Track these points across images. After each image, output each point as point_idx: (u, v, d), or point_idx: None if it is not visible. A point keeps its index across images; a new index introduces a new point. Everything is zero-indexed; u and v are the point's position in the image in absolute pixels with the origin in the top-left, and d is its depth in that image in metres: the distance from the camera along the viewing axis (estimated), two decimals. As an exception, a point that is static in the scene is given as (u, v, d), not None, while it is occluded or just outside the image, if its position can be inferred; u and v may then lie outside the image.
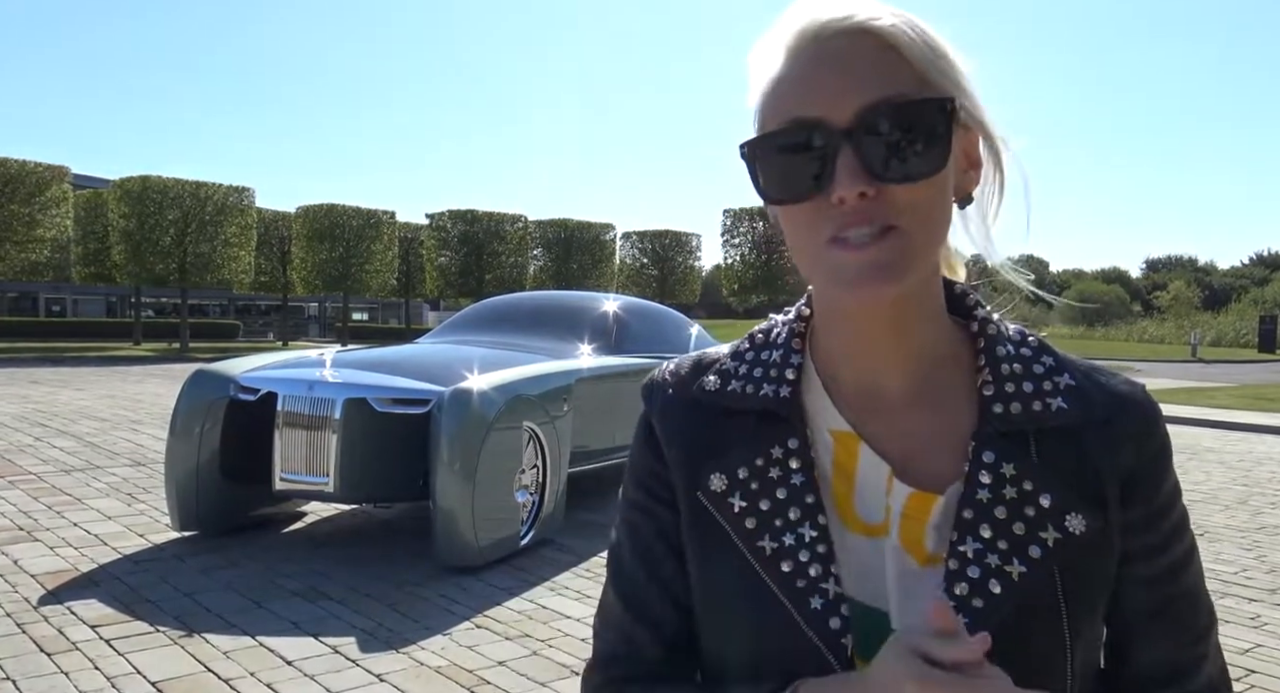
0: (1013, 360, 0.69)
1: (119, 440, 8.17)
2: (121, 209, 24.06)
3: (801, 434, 0.69)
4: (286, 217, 29.76)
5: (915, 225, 0.61)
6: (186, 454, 4.65)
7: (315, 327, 48.71)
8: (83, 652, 3.27)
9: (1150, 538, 0.69)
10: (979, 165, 0.68)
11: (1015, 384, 0.68)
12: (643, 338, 6.50)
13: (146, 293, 31.49)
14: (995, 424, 0.66)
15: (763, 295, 28.82)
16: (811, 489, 0.67)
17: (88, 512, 5.39)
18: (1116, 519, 0.67)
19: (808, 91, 0.62)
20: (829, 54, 0.62)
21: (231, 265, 25.34)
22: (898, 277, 0.61)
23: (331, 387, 4.53)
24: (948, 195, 0.64)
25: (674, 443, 0.73)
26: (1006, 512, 0.64)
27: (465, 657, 3.35)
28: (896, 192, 0.60)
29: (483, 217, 29.85)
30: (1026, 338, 0.72)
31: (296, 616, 3.72)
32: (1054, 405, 0.67)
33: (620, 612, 0.75)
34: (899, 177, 0.60)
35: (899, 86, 0.61)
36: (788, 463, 0.68)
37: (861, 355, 0.69)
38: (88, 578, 4.14)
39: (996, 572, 0.63)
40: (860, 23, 0.62)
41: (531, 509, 4.81)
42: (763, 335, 0.76)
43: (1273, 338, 36.76)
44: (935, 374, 0.69)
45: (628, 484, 0.77)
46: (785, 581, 0.66)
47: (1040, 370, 0.69)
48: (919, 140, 0.60)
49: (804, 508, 0.67)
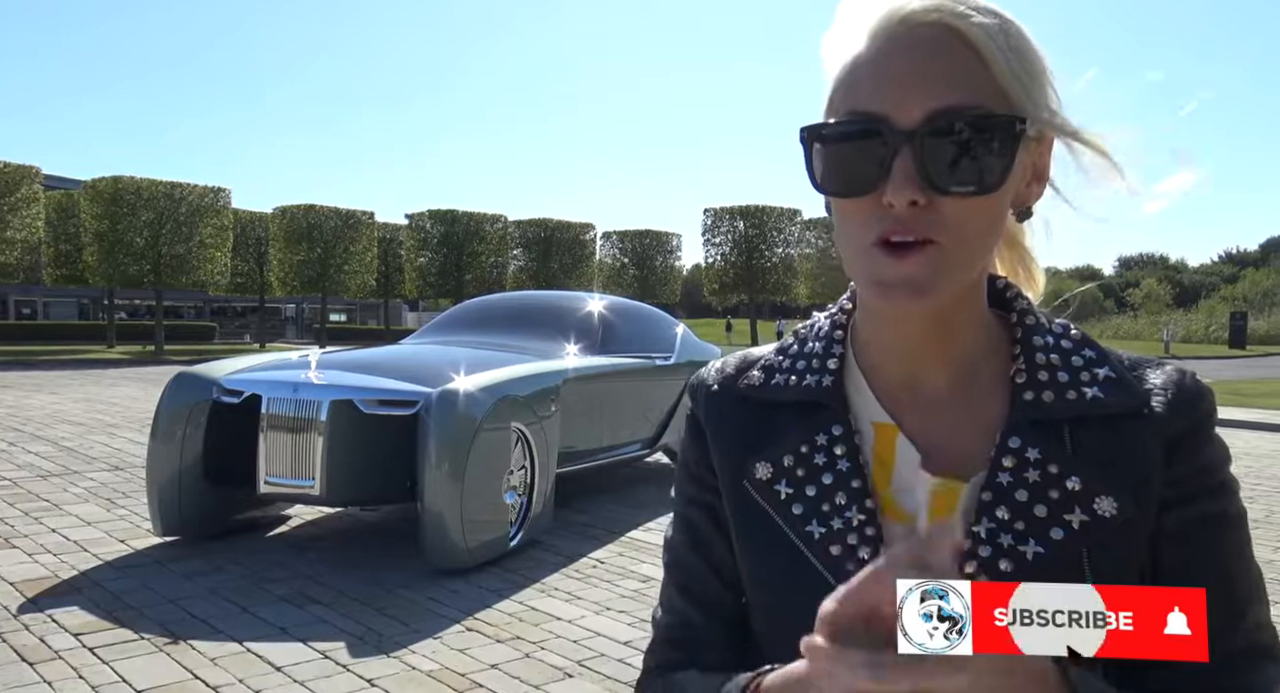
0: (1049, 351, 0.69)
1: (96, 445, 8.04)
2: (94, 210, 23.73)
3: (845, 421, 0.70)
4: (263, 217, 29.50)
5: (955, 242, 0.60)
6: (169, 458, 4.58)
7: (293, 328, 48.27)
8: (66, 660, 3.21)
9: (1187, 488, 0.67)
10: (1044, 178, 0.67)
11: (1049, 373, 0.68)
12: (629, 338, 6.49)
13: (119, 295, 31.05)
14: (1025, 412, 0.66)
15: (743, 294, 28.88)
16: (858, 474, 0.68)
17: (66, 517, 5.29)
18: (1159, 489, 0.65)
19: (880, 84, 0.60)
20: (909, 46, 0.60)
21: (207, 267, 25.07)
22: (927, 292, 0.61)
23: (317, 388, 4.48)
24: (1001, 212, 0.64)
25: (720, 438, 0.74)
26: (1028, 495, 0.64)
27: (457, 660, 3.32)
28: (946, 204, 0.60)
29: (462, 217, 29.70)
30: (1069, 331, 0.71)
31: (284, 621, 3.67)
32: (1089, 395, 0.66)
33: (677, 597, 0.76)
34: (953, 189, 0.59)
35: (974, 95, 0.59)
36: (832, 450, 0.69)
37: (902, 353, 0.70)
38: (68, 585, 4.07)
39: (1009, 551, 0.63)
40: (949, 19, 0.60)
41: (520, 511, 4.78)
42: (806, 331, 0.77)
43: (1243, 334, 37.39)
44: (975, 368, 0.70)
45: (679, 480, 0.78)
46: (835, 564, 0.66)
47: (1079, 362, 0.68)
48: (981, 156, 0.59)
49: (850, 492, 0.67)
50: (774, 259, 27.99)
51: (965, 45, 0.60)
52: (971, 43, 0.60)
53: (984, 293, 0.71)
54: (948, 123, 0.58)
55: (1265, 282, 65.89)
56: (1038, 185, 0.67)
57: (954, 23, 0.60)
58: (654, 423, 6.57)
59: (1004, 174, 0.60)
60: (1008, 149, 0.60)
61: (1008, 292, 0.73)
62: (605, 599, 4.05)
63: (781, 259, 28.11)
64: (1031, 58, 0.62)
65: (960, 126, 0.58)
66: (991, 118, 0.59)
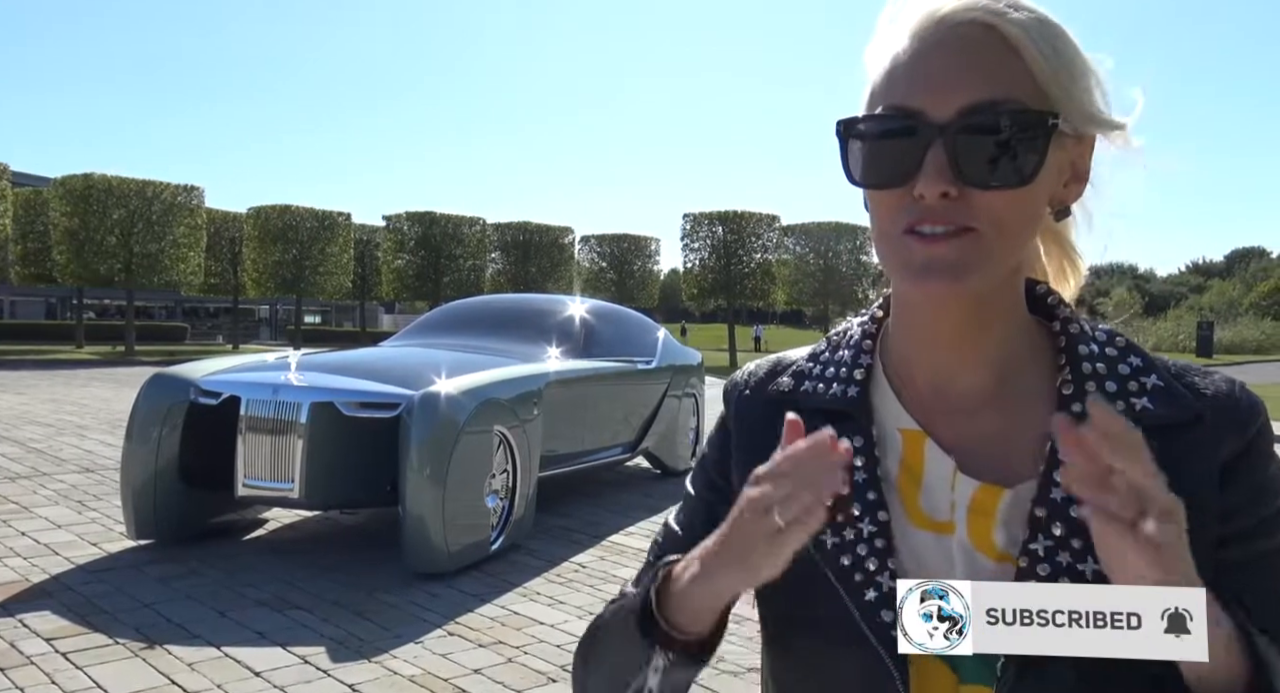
0: (1096, 360, 0.68)
1: (65, 446, 7.89)
2: (63, 207, 23.28)
3: (867, 432, 0.70)
4: (238, 217, 29.09)
5: (993, 231, 0.61)
6: (144, 460, 4.50)
7: (266, 330, 47.73)
8: (38, 666, 3.14)
9: (1245, 522, 0.64)
10: (1084, 178, 0.67)
11: (1097, 383, 0.67)
12: (610, 342, 6.49)
13: (88, 294, 30.50)
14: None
15: (721, 300, 28.94)
16: (873, 486, 0.68)
17: (36, 520, 5.18)
18: (1214, 509, 0.64)
19: (915, 79, 0.61)
20: (946, 43, 0.61)
21: (180, 266, 24.67)
22: (964, 276, 0.61)
23: (297, 390, 4.43)
24: (1036, 207, 0.64)
25: (744, 441, 0.75)
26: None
27: (439, 665, 3.29)
28: (979, 196, 0.60)
29: (440, 219, 29.49)
30: (1114, 338, 0.70)
31: (262, 625, 3.62)
32: (1139, 406, 0.65)
33: (649, 560, 0.78)
34: (985, 182, 0.60)
35: (1008, 90, 0.60)
36: (854, 461, 0.69)
37: (934, 355, 0.70)
38: (39, 589, 3.98)
39: (1068, 569, 0.62)
40: (986, 16, 0.61)
41: (501, 514, 4.76)
42: (838, 337, 0.77)
43: (1210, 343, 38.06)
44: (1013, 376, 0.69)
45: (694, 471, 0.81)
46: (844, 574, 0.67)
47: (1126, 371, 0.67)
48: (1013, 150, 0.60)
49: (865, 504, 0.67)
50: (752, 264, 28.06)
51: (1002, 42, 0.60)
52: (1008, 39, 0.60)
53: (1021, 295, 0.70)
54: (980, 117, 0.59)
55: (1231, 292, 67.24)
56: (1077, 185, 0.67)
57: (991, 20, 0.61)
58: (635, 427, 6.56)
59: (1036, 168, 0.60)
60: (1040, 144, 0.60)
61: (1049, 298, 0.72)
62: (587, 604, 4.03)
63: (760, 265, 28.19)
64: (1071, 56, 0.63)
65: (993, 121, 0.59)
66: (1025, 113, 0.60)
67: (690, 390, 7.28)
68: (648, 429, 6.66)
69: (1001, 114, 0.59)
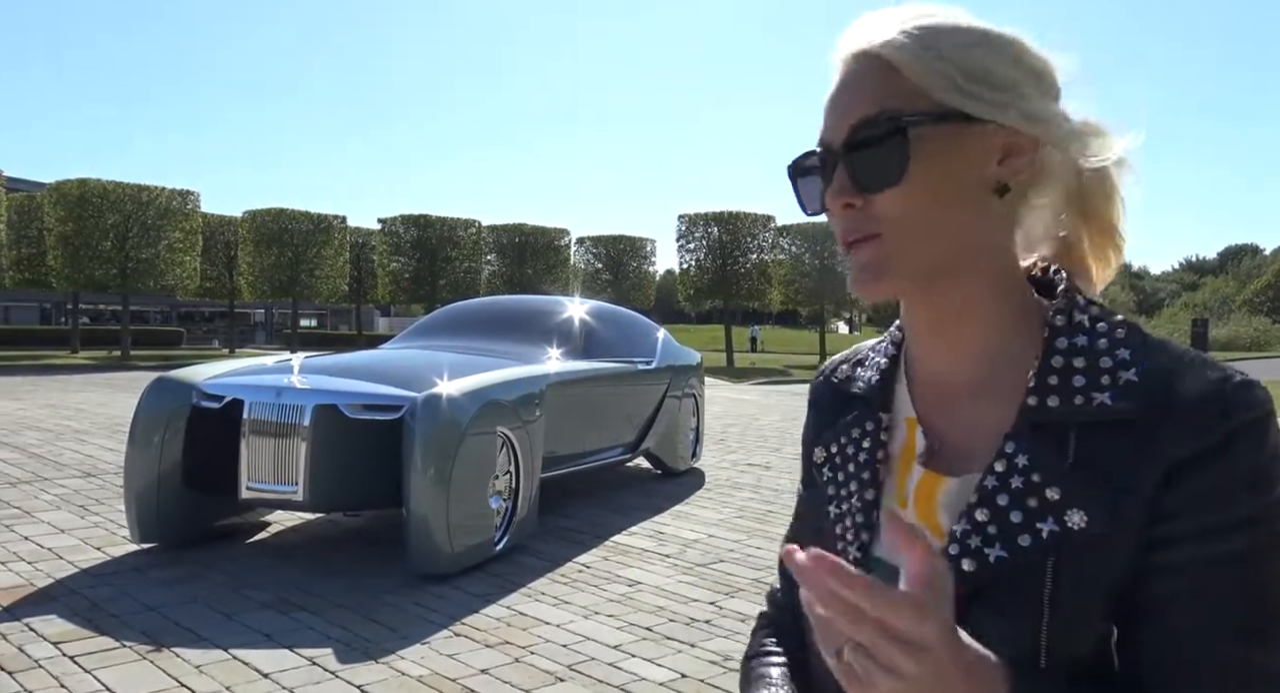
0: (1074, 353, 0.67)
1: (65, 451, 7.88)
2: (58, 212, 23.23)
3: (878, 419, 0.77)
4: (233, 221, 29.04)
5: (894, 231, 0.67)
6: (147, 464, 4.51)
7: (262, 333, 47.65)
8: (46, 670, 3.15)
9: (1181, 526, 0.62)
10: (1020, 153, 0.68)
11: (1061, 377, 0.67)
12: (611, 342, 6.51)
13: (83, 299, 30.42)
14: (1028, 417, 0.66)
15: (717, 300, 28.96)
16: (869, 467, 0.76)
17: (39, 525, 5.18)
18: (1147, 511, 0.62)
19: (826, 115, 0.71)
20: (843, 77, 0.70)
21: (176, 271, 24.63)
22: (882, 276, 0.68)
23: (301, 393, 4.44)
24: (927, 198, 0.67)
25: (812, 422, 0.87)
26: (1008, 500, 0.65)
27: (446, 665, 3.30)
28: (875, 202, 0.67)
29: (436, 222, 29.47)
30: (1115, 329, 0.68)
31: (269, 628, 3.63)
32: (1096, 401, 0.64)
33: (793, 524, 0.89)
34: (871, 187, 0.67)
35: (887, 103, 0.66)
36: (862, 443, 0.77)
37: (918, 347, 0.77)
38: (45, 593, 3.99)
39: (974, 552, 0.66)
40: (865, 45, 0.69)
41: (505, 515, 4.77)
42: (895, 331, 0.84)
43: (1204, 341, 38.19)
44: (1003, 367, 0.71)
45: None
46: (834, 541, 0.76)
47: (1108, 364, 0.66)
48: (880, 153, 0.66)
49: (860, 483, 0.76)
50: (748, 265, 28.09)
51: (884, 64, 0.68)
52: (886, 59, 0.67)
53: (1011, 287, 0.71)
54: (863, 131, 0.67)
55: (1225, 289, 67.47)
56: (1013, 159, 0.68)
57: (871, 48, 0.68)
58: (636, 427, 6.58)
59: (900, 165, 0.66)
60: (903, 145, 0.66)
61: (1059, 288, 0.73)
62: (593, 603, 4.05)
63: (756, 265, 28.22)
64: (975, 57, 0.67)
65: (872, 132, 0.67)
66: (891, 119, 0.66)
67: (690, 391, 7.30)
68: (648, 430, 6.68)
69: (877, 124, 0.66)
